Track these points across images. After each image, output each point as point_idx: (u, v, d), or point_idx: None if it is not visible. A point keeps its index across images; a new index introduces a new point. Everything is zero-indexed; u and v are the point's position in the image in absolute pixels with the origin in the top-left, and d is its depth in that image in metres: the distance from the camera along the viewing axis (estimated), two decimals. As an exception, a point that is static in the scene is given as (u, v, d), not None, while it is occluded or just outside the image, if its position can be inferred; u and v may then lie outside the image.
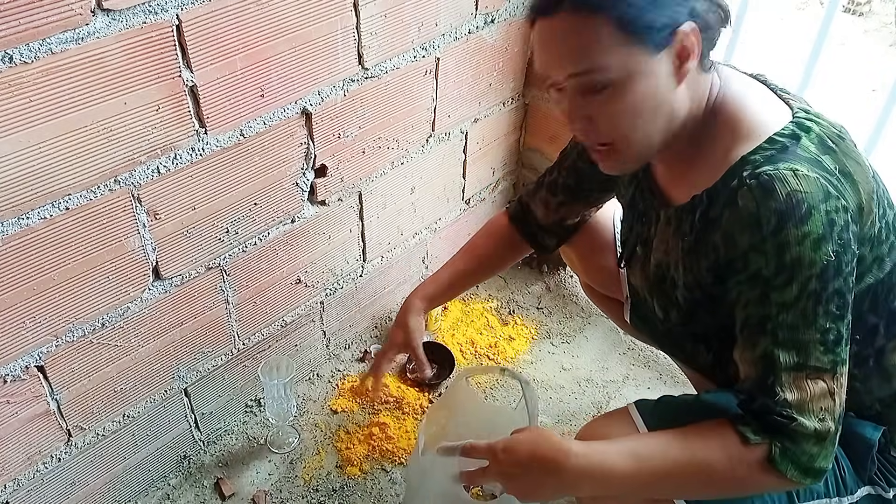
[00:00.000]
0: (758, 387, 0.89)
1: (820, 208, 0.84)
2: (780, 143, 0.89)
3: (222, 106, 1.20)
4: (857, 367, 1.00)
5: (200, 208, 1.27)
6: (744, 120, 0.93)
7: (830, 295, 0.85)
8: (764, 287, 0.87)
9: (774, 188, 0.84)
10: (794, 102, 0.95)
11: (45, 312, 1.13)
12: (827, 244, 0.84)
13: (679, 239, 1.01)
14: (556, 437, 0.99)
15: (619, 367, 1.79)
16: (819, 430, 0.86)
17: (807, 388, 0.86)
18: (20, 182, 1.01)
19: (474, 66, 1.65)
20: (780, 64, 3.18)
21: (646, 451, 0.93)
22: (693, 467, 0.91)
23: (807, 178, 0.84)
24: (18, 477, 1.24)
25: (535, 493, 1.00)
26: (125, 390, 1.33)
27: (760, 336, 0.88)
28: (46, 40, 0.95)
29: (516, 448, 0.98)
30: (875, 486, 1.06)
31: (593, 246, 1.39)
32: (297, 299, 1.59)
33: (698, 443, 0.91)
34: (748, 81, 0.98)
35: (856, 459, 1.05)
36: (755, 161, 0.88)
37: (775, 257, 0.85)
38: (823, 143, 0.90)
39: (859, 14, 3.71)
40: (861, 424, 1.05)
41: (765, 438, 0.87)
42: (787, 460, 0.86)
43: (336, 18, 1.29)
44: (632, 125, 0.92)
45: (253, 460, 1.57)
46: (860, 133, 1.55)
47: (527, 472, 0.97)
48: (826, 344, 0.86)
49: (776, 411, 0.86)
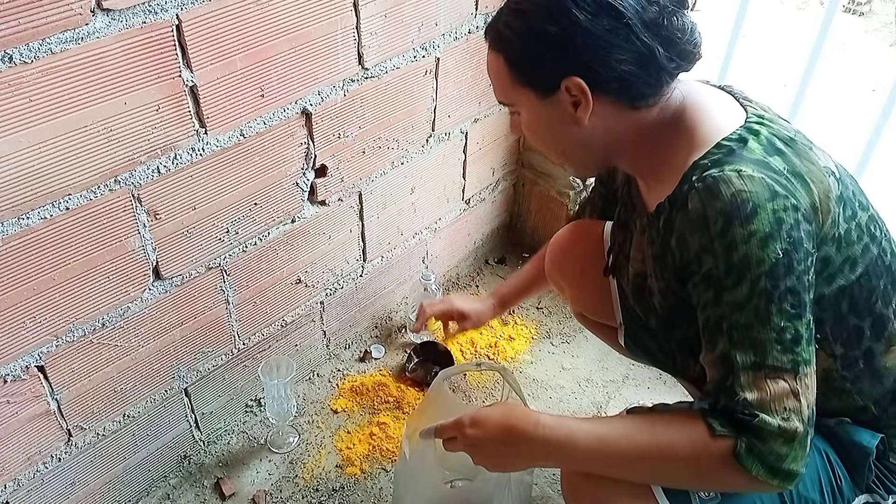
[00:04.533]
0: (719, 388, 0.89)
1: (766, 207, 0.85)
2: (727, 146, 0.91)
3: (222, 106, 1.20)
4: (847, 368, 1.00)
5: (200, 208, 1.27)
6: (699, 128, 0.95)
7: (783, 293, 0.85)
8: (716, 287, 0.88)
9: (720, 189, 0.86)
10: (752, 108, 0.97)
11: (45, 312, 1.13)
12: (774, 242, 0.85)
13: (649, 246, 1.03)
14: (524, 409, 1.01)
15: (619, 367, 1.79)
16: (784, 427, 0.85)
17: (766, 388, 0.85)
18: (20, 182, 1.01)
19: (474, 66, 1.65)
20: (780, 64, 3.18)
21: (612, 432, 0.94)
22: (656, 452, 0.91)
23: (751, 178, 0.86)
24: (18, 477, 1.24)
25: (503, 464, 1.03)
26: (125, 390, 1.33)
27: (718, 337, 0.89)
28: (46, 40, 0.95)
29: (483, 420, 1.00)
30: (873, 494, 1.05)
31: (582, 274, 1.38)
32: (297, 299, 1.59)
33: (665, 429, 0.92)
34: (710, 92, 1.00)
35: (853, 467, 1.04)
36: (703, 165, 0.91)
37: (724, 257, 0.86)
38: (772, 144, 0.91)
39: (859, 14, 3.71)
40: (858, 432, 1.04)
41: (731, 432, 0.87)
42: (752, 457, 0.85)
43: (336, 18, 1.29)
44: (545, 146, 1.05)
45: (253, 460, 1.57)
46: (860, 133, 1.55)
47: (494, 443, 0.99)
48: (783, 343, 0.86)
49: (738, 410, 0.86)
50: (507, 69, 0.97)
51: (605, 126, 0.97)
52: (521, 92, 0.98)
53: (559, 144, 1.03)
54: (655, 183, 1.02)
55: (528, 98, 0.97)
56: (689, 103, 0.97)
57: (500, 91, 1.02)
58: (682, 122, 0.97)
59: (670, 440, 0.90)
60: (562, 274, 1.43)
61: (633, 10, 0.89)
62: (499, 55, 0.97)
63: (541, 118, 0.99)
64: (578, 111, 0.95)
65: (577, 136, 0.99)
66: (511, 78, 0.97)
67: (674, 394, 1.71)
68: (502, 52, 0.97)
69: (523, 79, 0.96)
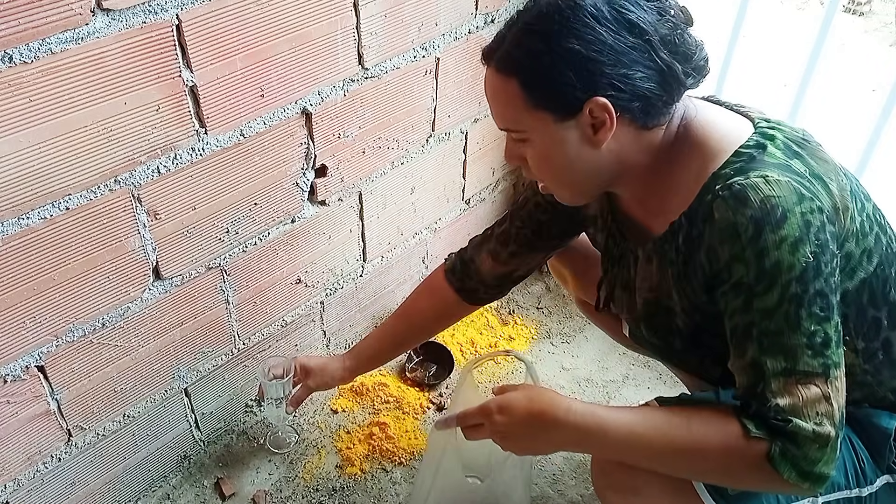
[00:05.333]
0: (750, 394, 0.89)
1: (795, 210, 0.85)
2: (746, 154, 0.90)
3: (222, 106, 1.20)
4: (867, 361, 1.01)
5: (200, 208, 1.27)
6: (709, 140, 0.94)
7: (812, 297, 0.85)
8: (747, 294, 0.87)
9: (748, 196, 0.85)
10: (754, 114, 0.97)
11: (45, 312, 1.13)
12: (804, 246, 0.85)
13: (667, 268, 1.00)
14: (551, 392, 1.00)
15: (619, 367, 1.79)
16: (819, 432, 0.85)
17: (798, 394, 0.85)
18: (20, 182, 1.01)
19: (474, 66, 1.65)
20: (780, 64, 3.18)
21: (645, 423, 0.94)
22: (690, 448, 0.91)
23: (778, 182, 0.85)
24: (19, 477, 1.24)
25: (532, 448, 1.02)
26: (125, 390, 1.33)
27: (748, 344, 0.88)
28: (46, 40, 0.95)
29: (511, 405, 0.99)
30: (894, 475, 1.06)
31: (587, 261, 1.37)
32: (297, 299, 1.59)
33: (700, 426, 0.91)
34: (706, 105, 1.00)
35: (874, 449, 1.05)
36: (726, 174, 0.90)
37: (755, 264, 0.86)
38: (789, 147, 0.91)
39: (859, 14, 3.71)
40: (878, 414, 1.05)
41: (766, 435, 0.86)
42: (786, 462, 0.86)
43: (336, 18, 1.29)
44: (553, 175, 0.99)
45: (253, 460, 1.57)
46: (860, 133, 1.55)
47: (523, 429, 0.98)
48: (814, 347, 0.86)
49: (771, 416, 0.86)
50: (520, 93, 0.92)
51: (619, 149, 0.94)
52: (535, 116, 0.93)
53: (568, 171, 0.98)
54: (662, 201, 0.99)
55: (544, 122, 0.93)
56: (691, 117, 0.96)
57: (507, 118, 0.97)
58: (690, 137, 0.95)
59: (705, 437, 0.90)
60: (564, 262, 1.42)
61: (652, 27, 0.88)
62: (510, 79, 0.92)
63: (556, 143, 0.94)
64: (599, 134, 0.91)
65: (589, 162, 0.95)
66: (525, 102, 0.92)
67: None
68: (516, 74, 0.91)
69: (540, 102, 0.91)
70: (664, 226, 0.99)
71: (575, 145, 0.93)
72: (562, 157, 0.95)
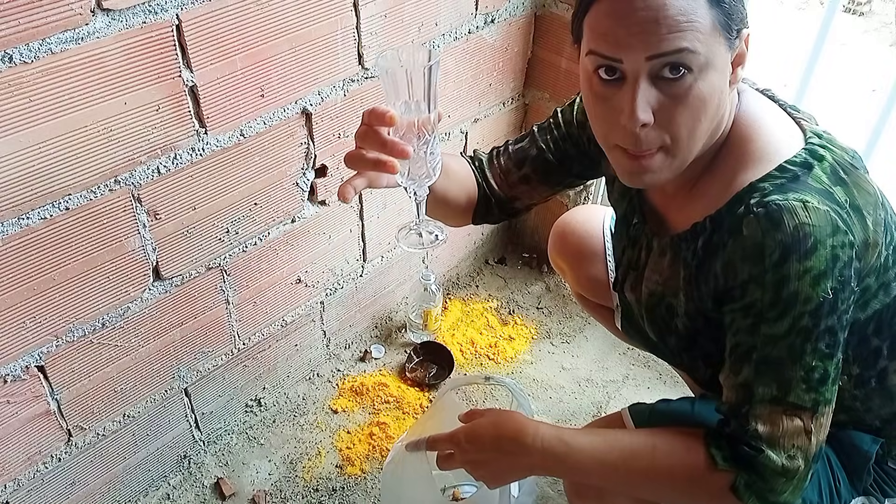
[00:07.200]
0: (733, 413, 0.88)
1: (826, 243, 0.80)
2: (791, 171, 0.85)
3: (222, 106, 1.20)
4: (858, 387, 0.99)
5: (200, 208, 1.27)
6: (754, 143, 0.88)
7: (822, 333, 0.83)
8: (756, 318, 0.85)
9: (782, 219, 0.81)
10: (807, 124, 0.91)
11: (45, 312, 1.13)
12: (826, 281, 0.81)
13: (679, 268, 0.97)
14: (518, 416, 0.98)
15: (619, 367, 1.79)
16: (787, 466, 0.83)
17: (780, 424, 0.84)
18: (20, 182, 1.01)
19: (474, 66, 1.65)
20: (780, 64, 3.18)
21: (611, 450, 0.93)
22: (653, 477, 0.91)
23: (817, 210, 0.81)
24: (19, 477, 1.24)
25: (503, 475, 0.99)
26: (125, 390, 1.33)
27: (744, 365, 0.86)
28: (46, 40, 0.95)
29: (478, 433, 0.98)
30: (870, 498, 1.05)
31: (583, 254, 1.37)
32: (297, 299, 1.59)
33: (664, 456, 0.90)
34: (762, 101, 0.94)
35: (852, 470, 1.03)
36: (764, 189, 0.84)
37: (773, 290, 0.82)
38: (836, 173, 0.86)
39: (859, 14, 3.71)
40: (859, 437, 1.04)
41: (731, 467, 0.86)
42: (750, 492, 0.85)
43: (336, 18, 1.29)
44: (692, 122, 0.82)
45: (253, 460, 1.57)
46: (860, 133, 1.55)
47: (492, 454, 0.97)
48: (809, 382, 0.84)
49: (745, 441, 0.85)
50: (708, 11, 0.78)
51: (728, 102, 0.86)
52: (715, 40, 0.78)
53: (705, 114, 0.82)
54: (689, 194, 0.94)
55: (719, 48, 0.79)
56: (742, 110, 0.90)
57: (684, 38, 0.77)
58: (735, 132, 0.90)
59: (669, 467, 0.90)
60: (562, 255, 1.42)
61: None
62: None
63: (722, 77, 0.81)
64: (736, 71, 0.83)
65: (720, 110, 0.84)
66: (710, 23, 0.78)
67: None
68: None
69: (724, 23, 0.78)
70: (685, 224, 0.94)
71: (723, 81, 0.82)
72: (715, 93, 0.81)
